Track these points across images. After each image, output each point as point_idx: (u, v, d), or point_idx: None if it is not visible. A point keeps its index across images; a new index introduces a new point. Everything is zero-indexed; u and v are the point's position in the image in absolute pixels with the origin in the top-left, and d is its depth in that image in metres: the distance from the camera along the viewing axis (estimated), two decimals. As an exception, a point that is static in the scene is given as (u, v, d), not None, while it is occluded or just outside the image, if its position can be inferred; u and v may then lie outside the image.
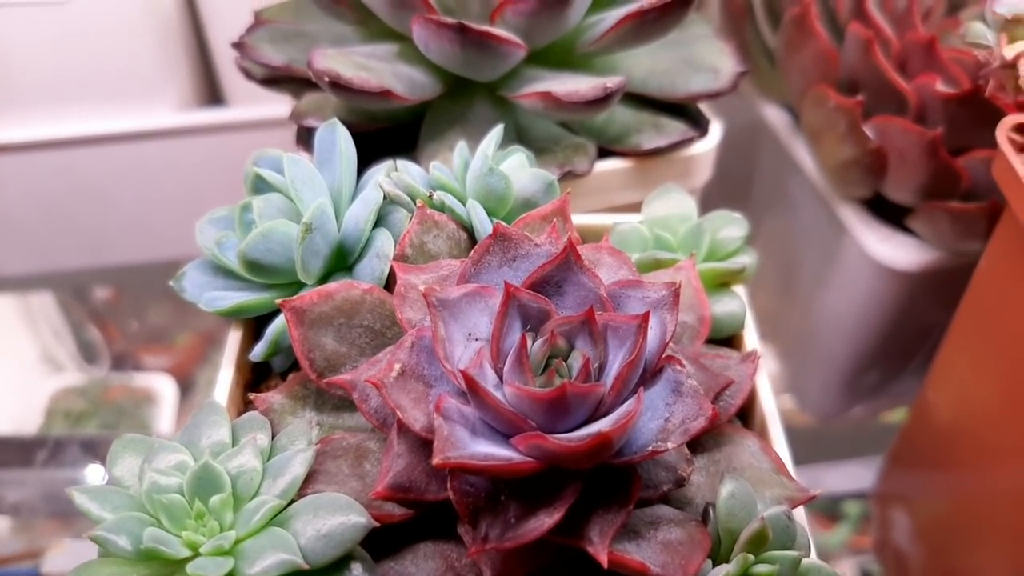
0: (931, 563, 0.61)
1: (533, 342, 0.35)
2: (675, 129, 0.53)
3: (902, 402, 0.80)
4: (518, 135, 0.52)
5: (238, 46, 0.51)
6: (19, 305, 1.01)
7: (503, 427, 0.33)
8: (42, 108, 0.80)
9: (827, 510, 0.76)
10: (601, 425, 0.31)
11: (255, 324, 0.44)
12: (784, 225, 0.75)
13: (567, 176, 0.50)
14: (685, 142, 0.53)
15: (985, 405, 0.52)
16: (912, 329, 0.67)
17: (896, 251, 0.59)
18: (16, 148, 0.82)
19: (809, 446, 0.77)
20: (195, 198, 0.89)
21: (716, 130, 0.56)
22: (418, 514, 0.35)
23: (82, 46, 0.76)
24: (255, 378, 0.44)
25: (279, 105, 0.78)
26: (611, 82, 0.45)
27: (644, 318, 0.33)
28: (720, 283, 0.46)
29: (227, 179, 0.88)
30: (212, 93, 0.86)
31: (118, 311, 1.02)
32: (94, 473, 0.82)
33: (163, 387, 0.92)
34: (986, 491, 0.53)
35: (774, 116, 0.70)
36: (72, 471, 0.82)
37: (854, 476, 0.76)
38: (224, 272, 0.42)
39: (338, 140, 0.41)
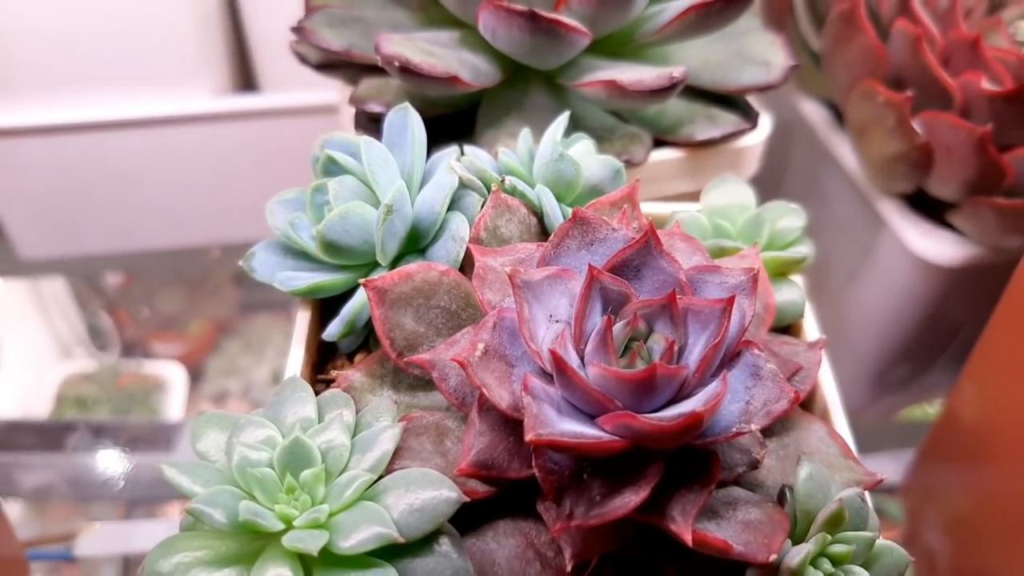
0: (961, 559, 0.62)
1: (614, 324, 0.35)
2: (728, 121, 0.53)
3: (927, 397, 0.81)
4: (573, 123, 0.52)
5: (298, 30, 0.51)
6: (31, 290, 1.01)
7: (588, 407, 0.33)
8: (76, 90, 0.80)
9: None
10: (693, 404, 0.32)
11: (322, 305, 0.44)
12: (815, 219, 0.75)
13: (623, 165, 0.51)
14: (736, 134, 0.54)
15: (1022, 402, 0.52)
16: (944, 324, 0.68)
17: (937, 246, 0.60)
18: (41, 131, 0.82)
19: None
20: (222, 185, 0.89)
21: (766, 122, 0.56)
22: (498, 491, 0.35)
23: (120, 29, 0.76)
24: (319, 359, 0.45)
25: (320, 91, 0.78)
26: (677, 71, 0.46)
27: (729, 302, 0.33)
28: (779, 272, 0.47)
29: (255, 166, 0.88)
30: (246, 79, 0.86)
31: (129, 297, 1.02)
32: (110, 458, 0.82)
33: (173, 374, 0.92)
34: (1020, 490, 0.53)
35: (811, 111, 0.70)
36: (90, 456, 0.82)
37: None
38: (295, 252, 0.42)
39: (410, 125, 0.42)
